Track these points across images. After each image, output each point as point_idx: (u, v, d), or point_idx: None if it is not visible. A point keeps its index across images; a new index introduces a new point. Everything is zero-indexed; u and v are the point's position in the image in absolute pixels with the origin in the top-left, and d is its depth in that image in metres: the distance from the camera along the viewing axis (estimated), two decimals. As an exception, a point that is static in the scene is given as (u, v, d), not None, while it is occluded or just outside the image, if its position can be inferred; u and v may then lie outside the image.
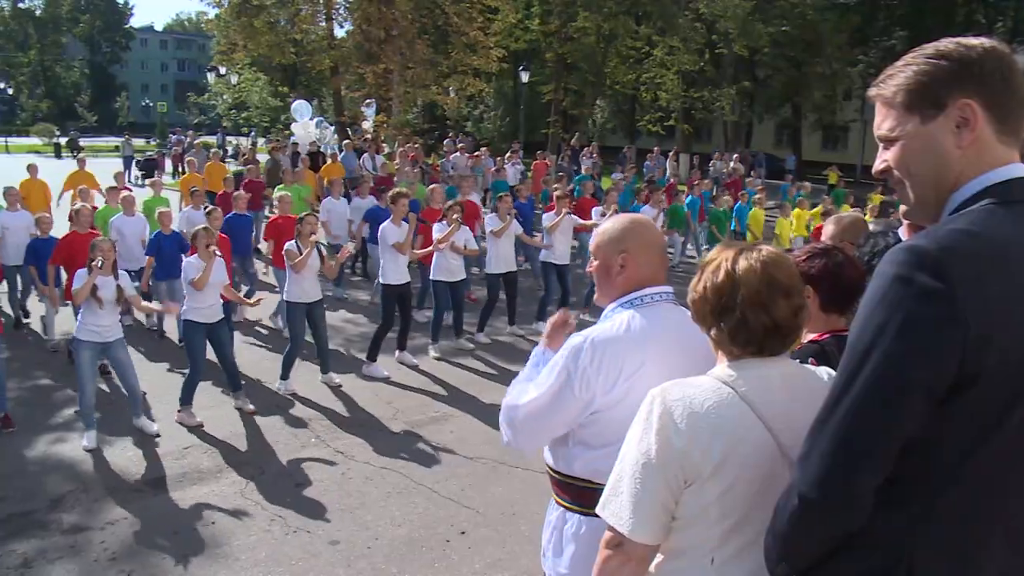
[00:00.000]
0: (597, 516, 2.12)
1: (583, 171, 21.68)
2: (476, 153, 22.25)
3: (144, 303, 7.65)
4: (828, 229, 3.92)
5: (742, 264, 1.89)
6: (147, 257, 9.29)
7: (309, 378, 8.40)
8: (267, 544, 5.24)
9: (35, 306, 10.38)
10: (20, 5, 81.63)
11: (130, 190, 11.36)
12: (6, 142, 46.26)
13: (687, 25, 31.66)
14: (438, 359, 9.25)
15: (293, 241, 7.98)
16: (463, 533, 5.39)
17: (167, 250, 9.13)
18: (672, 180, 19.70)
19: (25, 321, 10.36)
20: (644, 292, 2.47)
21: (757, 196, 15.26)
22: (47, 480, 6.17)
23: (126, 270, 7.36)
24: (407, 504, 5.79)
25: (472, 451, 6.70)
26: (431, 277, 9.44)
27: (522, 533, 5.31)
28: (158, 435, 6.96)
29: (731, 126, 38.00)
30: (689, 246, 16.30)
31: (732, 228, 15.17)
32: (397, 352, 9.07)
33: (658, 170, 23.45)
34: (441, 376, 8.68)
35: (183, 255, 8.20)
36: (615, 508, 1.84)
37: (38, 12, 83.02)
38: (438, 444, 6.87)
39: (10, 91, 75.70)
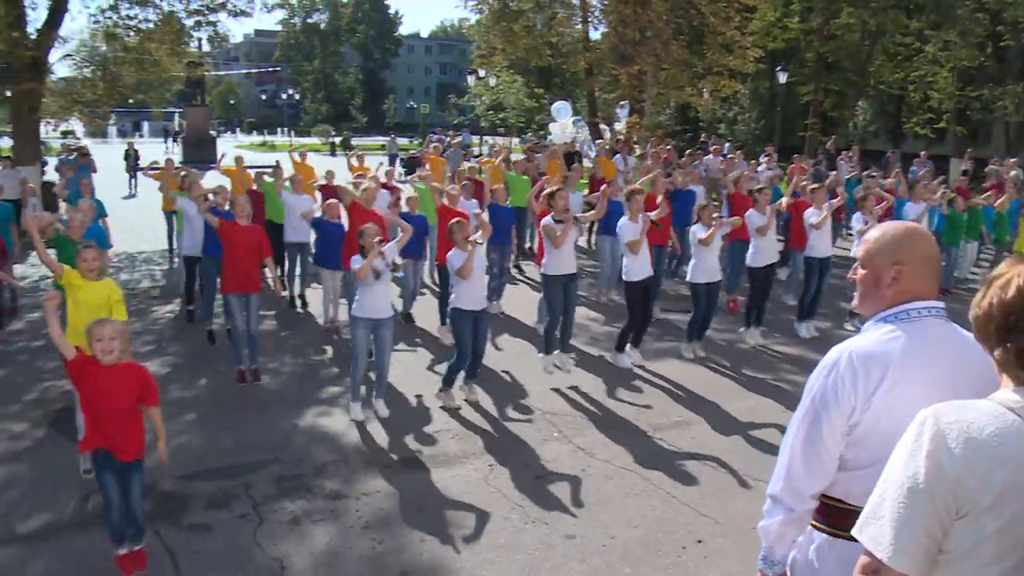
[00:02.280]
0: (846, 538, 2.02)
1: (848, 176, 20.45)
2: (730, 156, 21.71)
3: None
4: None
5: None
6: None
7: (552, 373, 8.58)
8: (506, 531, 5.42)
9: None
10: (309, 20, 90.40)
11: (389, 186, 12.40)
12: (291, 142, 51.06)
13: (967, 16, 28.98)
14: (689, 360, 9.16)
15: (550, 216, 8.20)
16: (700, 542, 5.29)
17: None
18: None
19: (300, 310, 11.38)
20: (911, 306, 2.31)
21: None
22: (313, 449, 6.76)
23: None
24: (644, 506, 5.77)
25: (714, 459, 6.55)
26: (689, 279, 9.33)
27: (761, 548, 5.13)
28: (387, 416, 7.38)
29: (1015, 127, 34.38)
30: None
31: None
32: (628, 348, 9.07)
33: (926, 172, 21.66)
34: (686, 380, 8.54)
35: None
36: (874, 532, 1.74)
37: (322, 26, 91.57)
38: (679, 449, 6.78)
39: (297, 96, 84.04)
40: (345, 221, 9.93)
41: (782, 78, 32.16)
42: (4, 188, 13.30)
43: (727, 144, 28.22)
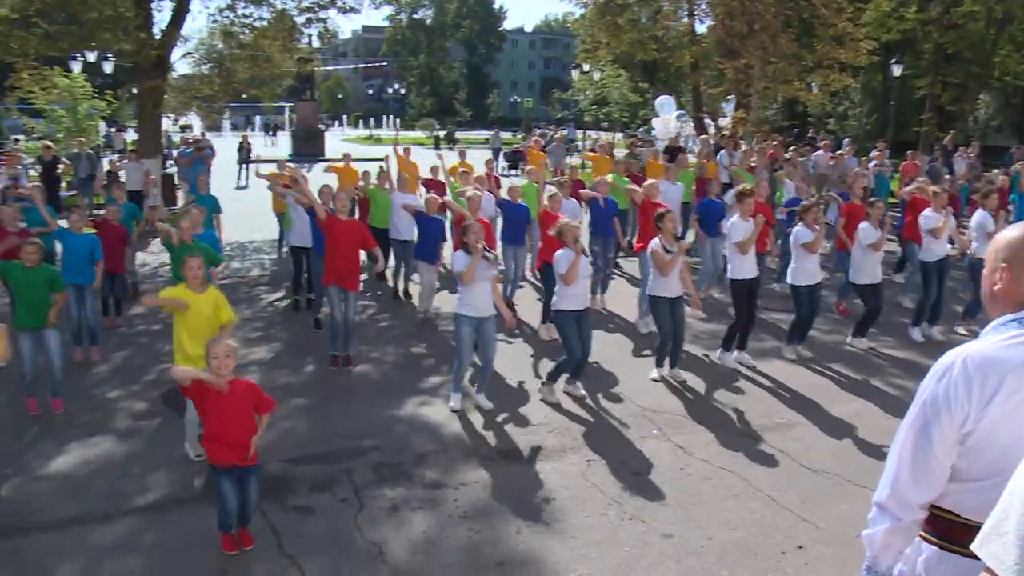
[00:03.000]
0: (958, 552, 1.95)
1: (959, 173, 19.55)
2: (839, 152, 21.08)
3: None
4: None
5: None
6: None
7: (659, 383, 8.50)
8: (603, 527, 5.41)
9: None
10: (415, 16, 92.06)
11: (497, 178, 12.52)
12: (396, 135, 52.12)
13: (1108, -3, 26.97)
14: (793, 361, 8.94)
15: (657, 239, 8.11)
16: (800, 547, 5.17)
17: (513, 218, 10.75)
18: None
19: (404, 300, 11.63)
20: None
21: None
22: (413, 437, 6.88)
23: None
24: (743, 508, 5.67)
25: (816, 463, 6.38)
26: (790, 282, 9.08)
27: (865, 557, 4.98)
28: (490, 409, 7.45)
29: None
30: None
31: None
32: (736, 352, 8.91)
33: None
34: (789, 381, 8.35)
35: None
36: (996, 549, 1.65)
37: (428, 21, 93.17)
38: (781, 451, 6.62)
39: (402, 90, 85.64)
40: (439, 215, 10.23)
41: (897, 71, 30.86)
42: (129, 179, 13.97)
43: (845, 140, 27.12)
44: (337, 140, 50.05)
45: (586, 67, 40.35)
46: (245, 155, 27.60)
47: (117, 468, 6.33)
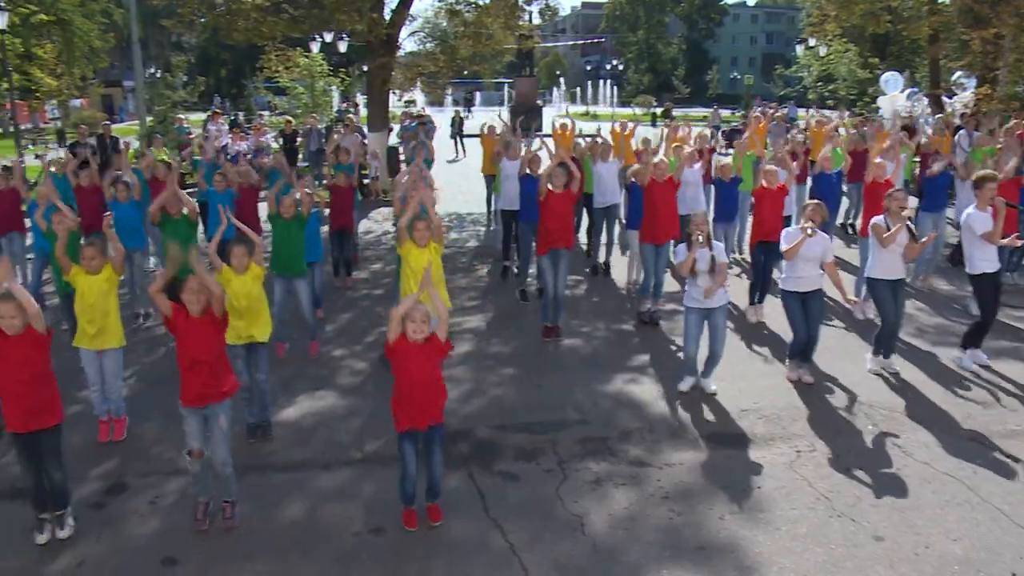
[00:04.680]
0: None
1: None
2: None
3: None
4: None
5: None
6: None
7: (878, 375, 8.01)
8: (809, 521, 5.21)
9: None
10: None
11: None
12: (612, 111, 51.95)
13: None
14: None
15: (882, 216, 7.63)
16: (1035, 569, 4.73)
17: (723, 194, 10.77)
18: None
19: (604, 272, 11.67)
20: None
21: None
22: (620, 414, 6.92)
23: None
24: (967, 519, 5.25)
25: (1058, 477, 5.80)
26: None
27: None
28: (714, 393, 7.31)
29: None
30: None
31: None
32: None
33: None
34: (1026, 385, 7.62)
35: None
36: None
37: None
38: (1014, 461, 6.05)
39: (620, 67, 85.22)
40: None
41: None
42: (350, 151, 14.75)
43: None
44: (554, 115, 50.55)
45: (812, 42, 38.39)
46: (458, 129, 28.59)
47: (337, 421, 6.82)
